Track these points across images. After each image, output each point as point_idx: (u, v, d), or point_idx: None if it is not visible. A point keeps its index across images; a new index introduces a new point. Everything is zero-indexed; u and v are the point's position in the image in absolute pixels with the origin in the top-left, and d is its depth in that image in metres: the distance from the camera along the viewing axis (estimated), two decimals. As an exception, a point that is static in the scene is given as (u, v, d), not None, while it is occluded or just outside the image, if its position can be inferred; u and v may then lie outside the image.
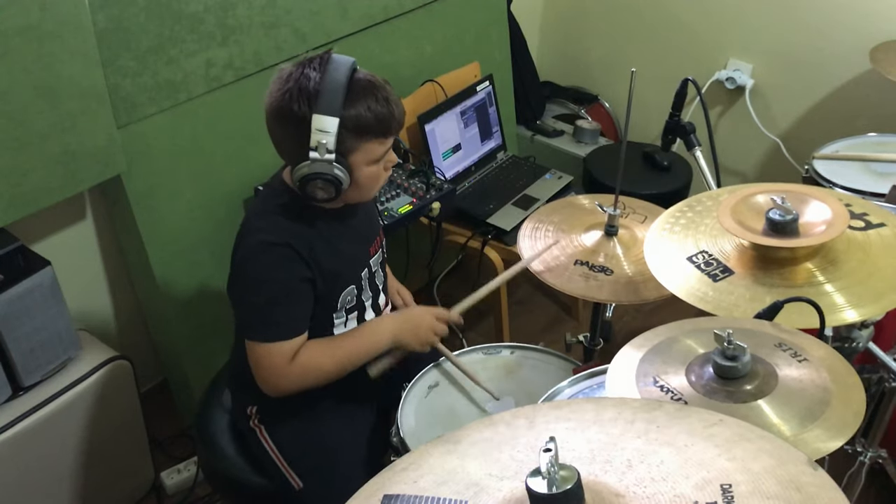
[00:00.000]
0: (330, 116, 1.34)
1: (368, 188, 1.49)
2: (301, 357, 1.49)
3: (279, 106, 1.38)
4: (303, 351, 1.50)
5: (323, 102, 1.34)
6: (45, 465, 1.87)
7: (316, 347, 1.52)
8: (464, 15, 2.74)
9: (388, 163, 1.49)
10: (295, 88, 1.36)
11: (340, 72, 1.36)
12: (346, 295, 1.56)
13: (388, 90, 1.42)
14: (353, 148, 1.40)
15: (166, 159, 2.00)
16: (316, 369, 1.51)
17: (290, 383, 1.50)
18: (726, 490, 0.74)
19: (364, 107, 1.37)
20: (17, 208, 1.73)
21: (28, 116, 1.67)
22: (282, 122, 1.40)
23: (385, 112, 1.40)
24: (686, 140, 2.17)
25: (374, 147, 1.42)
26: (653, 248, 1.39)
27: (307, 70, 1.37)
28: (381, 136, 1.42)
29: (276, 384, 1.50)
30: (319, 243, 1.48)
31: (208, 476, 1.81)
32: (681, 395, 1.06)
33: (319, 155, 1.36)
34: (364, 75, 1.41)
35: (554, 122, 3.28)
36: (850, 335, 1.49)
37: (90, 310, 2.20)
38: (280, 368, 1.48)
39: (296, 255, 1.44)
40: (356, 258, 1.59)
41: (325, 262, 1.49)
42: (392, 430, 1.54)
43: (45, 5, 1.61)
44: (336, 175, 1.39)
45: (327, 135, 1.35)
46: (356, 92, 1.37)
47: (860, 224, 1.32)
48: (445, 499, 0.82)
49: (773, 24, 2.82)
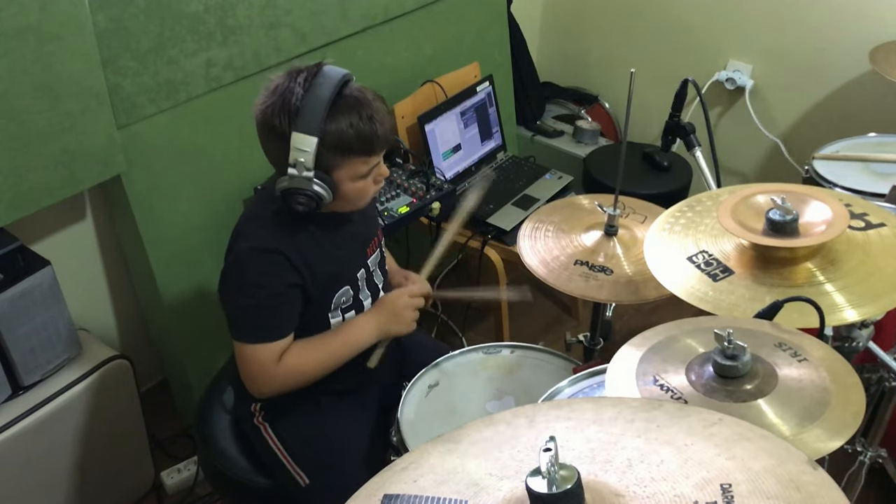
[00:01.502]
0: (308, 135, 1.34)
1: (356, 200, 1.49)
2: (287, 358, 1.50)
3: (262, 119, 1.39)
4: (289, 352, 1.51)
5: (303, 120, 1.34)
6: (45, 465, 1.87)
7: (300, 349, 1.52)
8: (464, 15, 2.74)
9: (379, 176, 1.49)
10: (278, 103, 1.36)
11: (326, 87, 1.35)
12: (340, 296, 1.57)
13: (374, 107, 1.40)
14: (336, 165, 1.40)
15: (166, 159, 2.00)
16: (300, 371, 1.52)
17: (275, 384, 1.52)
18: (726, 490, 0.74)
19: (346, 124, 1.36)
20: (17, 208, 1.73)
21: (28, 116, 1.67)
22: (266, 133, 1.41)
23: (367, 130, 1.38)
24: (686, 140, 2.17)
25: (358, 163, 1.42)
26: (653, 248, 1.39)
27: (292, 84, 1.36)
28: (363, 155, 1.41)
29: (261, 384, 1.52)
30: (311, 247, 1.48)
31: (208, 475, 1.81)
32: (681, 395, 1.06)
33: (297, 172, 1.37)
34: (353, 91, 1.39)
35: (554, 123, 3.28)
36: (850, 335, 1.49)
37: (90, 310, 2.20)
38: (266, 369, 1.49)
39: (285, 261, 1.45)
40: (351, 260, 1.59)
41: (317, 266, 1.49)
42: (392, 430, 1.54)
43: (45, 5, 1.61)
44: (315, 191, 1.39)
45: (305, 153, 1.35)
46: (341, 108, 1.36)
47: (860, 224, 1.32)
48: (445, 498, 0.82)
49: (773, 25, 2.82)
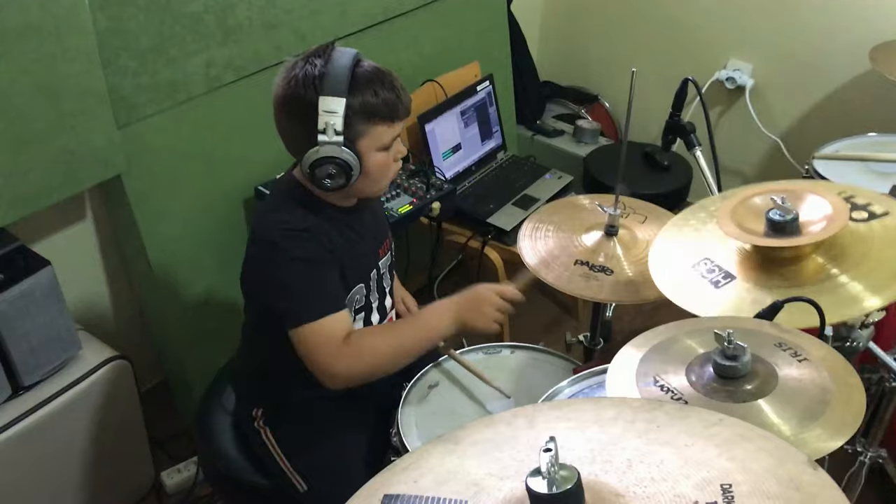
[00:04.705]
0: (336, 97, 1.35)
1: (378, 178, 1.48)
2: (354, 337, 1.45)
3: (286, 95, 1.39)
4: (357, 332, 1.47)
5: (328, 85, 1.35)
6: (45, 465, 1.87)
7: (371, 330, 1.51)
8: (464, 15, 2.74)
9: (398, 153, 1.49)
10: (301, 75, 1.37)
11: (345, 59, 1.38)
12: (355, 293, 1.56)
13: (394, 76, 1.42)
14: (362, 132, 1.40)
15: (166, 159, 2.00)
16: (371, 352, 1.45)
17: (346, 365, 1.43)
18: (726, 490, 0.74)
19: (371, 91, 1.38)
20: (17, 208, 1.73)
21: (28, 116, 1.67)
22: (290, 111, 1.40)
23: (392, 96, 1.40)
24: (686, 140, 2.17)
25: (382, 131, 1.42)
26: (657, 259, 1.39)
27: (312, 58, 1.38)
28: (388, 120, 1.42)
29: (330, 366, 1.43)
30: (335, 237, 1.48)
31: (208, 476, 1.81)
32: (681, 395, 1.06)
33: (328, 137, 1.36)
34: (369, 64, 1.42)
35: (554, 122, 3.28)
36: (851, 335, 1.49)
37: (90, 310, 2.20)
38: (332, 347, 1.42)
39: (317, 240, 1.44)
40: (367, 257, 1.59)
41: (339, 256, 1.48)
42: (392, 430, 1.54)
43: (45, 5, 1.61)
44: (346, 159, 1.38)
45: (335, 115, 1.35)
46: (362, 77, 1.38)
47: (863, 215, 1.30)
48: (445, 499, 0.81)
49: (773, 24, 2.82)
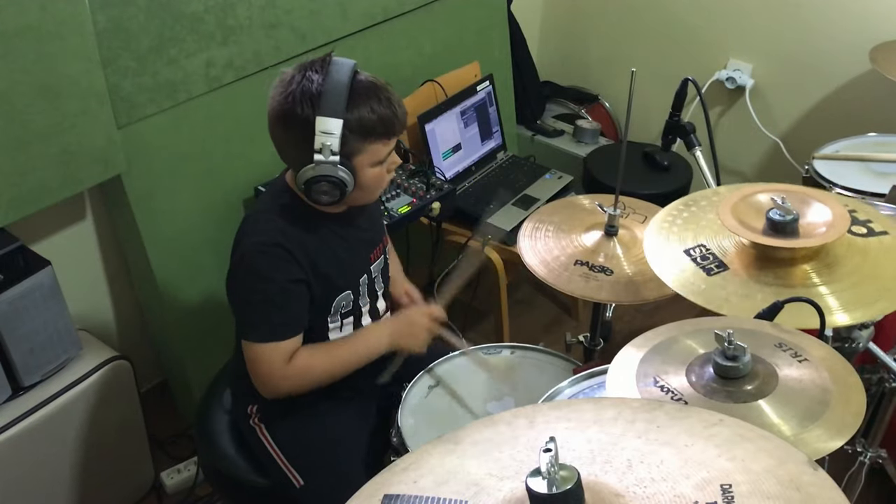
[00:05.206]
0: (334, 118, 1.34)
1: (372, 190, 1.50)
2: (297, 359, 1.50)
3: (282, 109, 1.38)
4: (299, 354, 1.50)
5: (326, 104, 1.34)
6: (45, 465, 1.87)
7: (312, 351, 1.53)
8: (464, 15, 2.74)
9: (392, 164, 1.50)
10: (298, 91, 1.36)
11: (343, 73, 1.37)
12: (340, 300, 1.57)
13: (390, 91, 1.42)
14: (358, 150, 1.40)
15: (166, 159, 2.00)
16: (311, 373, 1.52)
17: (287, 385, 1.51)
18: (726, 490, 0.74)
19: (367, 108, 1.38)
20: (17, 208, 1.73)
21: (28, 116, 1.67)
22: (285, 125, 1.40)
23: (388, 113, 1.40)
24: (686, 140, 2.17)
25: (378, 148, 1.43)
26: (652, 238, 1.40)
27: (309, 73, 1.37)
28: (384, 138, 1.42)
29: (272, 385, 1.51)
30: (317, 247, 1.49)
31: (208, 476, 1.81)
32: (681, 395, 1.06)
33: (324, 157, 1.36)
34: (365, 77, 1.41)
35: (554, 122, 3.28)
36: (851, 335, 1.49)
37: (90, 310, 2.20)
38: (276, 369, 1.48)
39: (289, 256, 1.45)
40: (355, 265, 1.59)
41: (321, 266, 1.49)
42: (392, 430, 1.54)
43: (45, 5, 1.61)
44: (341, 177, 1.39)
45: (331, 136, 1.35)
46: (359, 93, 1.38)
47: (862, 230, 1.32)
48: (445, 499, 0.81)
49: (773, 24, 2.82)
